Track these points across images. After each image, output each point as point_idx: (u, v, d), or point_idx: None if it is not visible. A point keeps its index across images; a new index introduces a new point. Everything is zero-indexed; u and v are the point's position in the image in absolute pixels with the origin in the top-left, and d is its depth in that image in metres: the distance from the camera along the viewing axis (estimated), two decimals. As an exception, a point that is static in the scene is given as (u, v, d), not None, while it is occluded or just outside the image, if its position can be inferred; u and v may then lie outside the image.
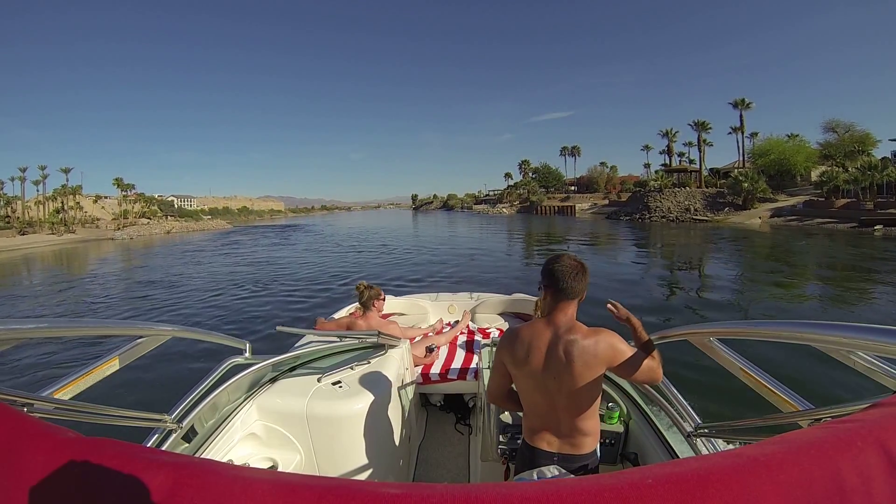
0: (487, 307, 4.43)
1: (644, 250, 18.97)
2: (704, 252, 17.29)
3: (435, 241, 24.75)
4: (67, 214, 52.92)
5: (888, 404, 0.55)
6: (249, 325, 7.80)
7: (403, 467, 2.32)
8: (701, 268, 13.47)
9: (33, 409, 0.84)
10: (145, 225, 52.51)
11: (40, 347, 6.12)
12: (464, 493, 0.42)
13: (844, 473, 0.44)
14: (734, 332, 1.28)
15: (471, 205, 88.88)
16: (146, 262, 20.16)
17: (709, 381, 3.80)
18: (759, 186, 32.82)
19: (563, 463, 1.34)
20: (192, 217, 74.28)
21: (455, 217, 62.51)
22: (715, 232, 25.01)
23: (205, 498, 0.43)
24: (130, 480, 0.45)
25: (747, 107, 45.95)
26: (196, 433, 1.55)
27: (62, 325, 1.00)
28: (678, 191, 39.57)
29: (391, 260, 16.60)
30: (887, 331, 0.74)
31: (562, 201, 59.39)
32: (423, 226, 42.99)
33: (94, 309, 10.10)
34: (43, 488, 0.44)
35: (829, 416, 0.87)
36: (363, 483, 0.45)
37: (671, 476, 0.43)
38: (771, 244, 19.49)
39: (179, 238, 39.83)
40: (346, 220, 76.29)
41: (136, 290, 11.99)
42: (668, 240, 22.50)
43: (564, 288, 1.31)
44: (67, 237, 41.91)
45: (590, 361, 1.28)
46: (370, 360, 2.23)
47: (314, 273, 13.60)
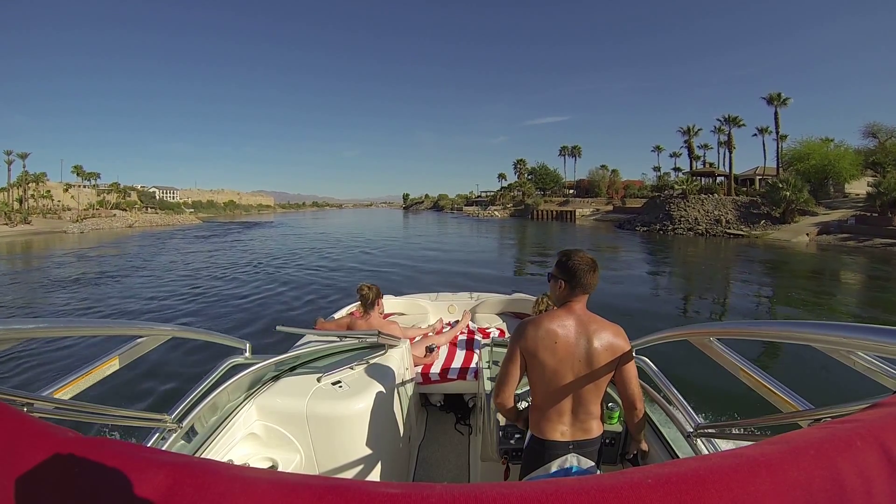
0: (487, 307, 4.43)
1: (693, 283, 13.08)
2: (756, 282, 12.46)
3: (394, 250, 20.70)
4: (31, 203, 50.92)
5: (888, 404, 0.55)
6: (249, 325, 7.83)
7: (403, 467, 2.32)
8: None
9: (33, 409, 0.84)
10: (105, 218, 51.12)
11: (40, 347, 6.12)
12: (464, 493, 0.42)
13: (844, 473, 0.44)
14: (734, 332, 1.28)
15: (461, 206, 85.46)
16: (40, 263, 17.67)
17: (709, 381, 3.79)
18: (801, 196, 27.62)
19: (578, 450, 1.43)
20: (172, 210, 73.00)
21: (442, 219, 57.57)
22: (754, 251, 20.19)
23: (205, 498, 0.43)
24: (130, 480, 0.45)
25: (783, 103, 37.56)
26: (196, 433, 1.55)
27: (62, 325, 1.00)
28: (705, 198, 33.46)
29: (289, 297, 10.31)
30: (887, 331, 0.74)
31: (560, 205, 54.68)
32: (393, 230, 36.50)
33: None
34: (43, 488, 0.44)
35: (829, 416, 0.87)
36: (363, 483, 0.45)
37: (671, 476, 0.43)
38: (839, 273, 14.26)
39: (140, 232, 38.58)
40: (330, 218, 72.98)
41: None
42: (705, 261, 17.34)
43: (582, 282, 1.43)
44: (20, 228, 40.44)
45: (612, 346, 1.40)
46: (370, 359, 2.22)
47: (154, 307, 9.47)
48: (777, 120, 38.09)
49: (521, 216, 56.30)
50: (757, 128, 40.29)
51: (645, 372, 1.81)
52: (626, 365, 1.42)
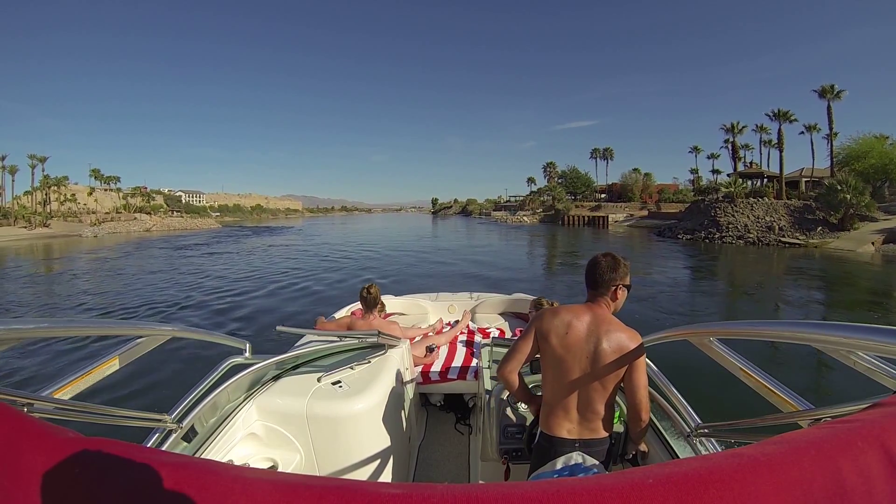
0: (487, 307, 4.44)
1: (764, 304, 10.34)
2: (835, 303, 10.27)
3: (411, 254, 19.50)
4: (54, 207, 51.34)
5: (888, 404, 0.55)
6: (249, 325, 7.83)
7: (403, 467, 2.32)
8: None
9: (33, 409, 0.84)
10: (123, 222, 51.20)
11: (40, 347, 6.12)
12: (464, 493, 0.42)
13: (845, 473, 0.44)
14: (734, 332, 1.28)
15: (489, 211, 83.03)
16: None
17: (709, 381, 3.79)
18: (863, 199, 24.14)
19: (584, 448, 1.45)
20: (198, 213, 73.55)
21: (470, 225, 53.96)
22: (815, 263, 17.47)
23: (205, 498, 0.43)
24: (130, 480, 0.45)
25: (837, 96, 33.11)
26: (196, 433, 1.55)
27: (62, 325, 1.00)
28: (755, 202, 29.73)
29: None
30: (887, 331, 0.74)
31: (592, 210, 51.01)
32: (414, 236, 34.28)
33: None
34: (43, 488, 0.44)
35: (829, 416, 0.87)
36: (363, 483, 0.45)
37: (671, 476, 0.43)
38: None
39: (156, 237, 38.10)
40: (354, 224, 70.19)
41: None
42: (766, 276, 14.58)
43: (597, 282, 1.49)
44: (38, 232, 40.60)
45: (621, 349, 1.41)
46: (370, 359, 2.22)
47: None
48: (830, 115, 33.73)
49: (551, 222, 52.96)
50: (805, 125, 36.34)
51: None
52: (636, 372, 1.42)
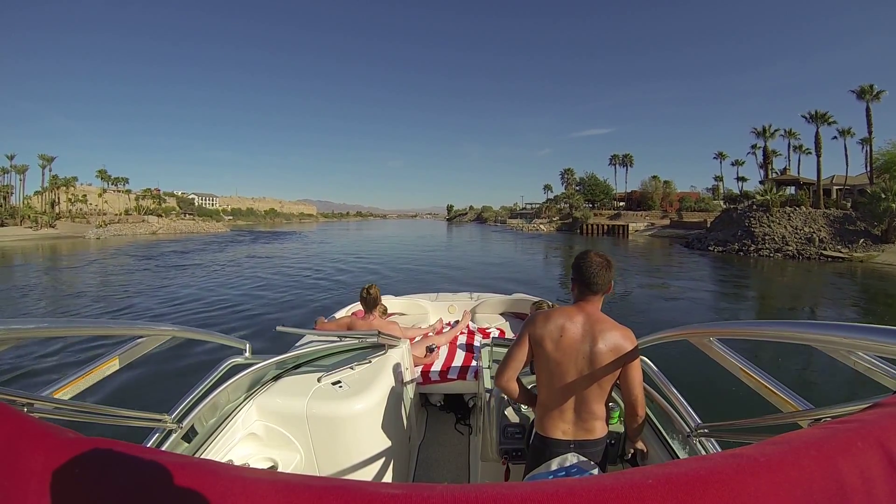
0: (487, 307, 4.43)
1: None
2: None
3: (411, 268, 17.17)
4: (63, 207, 51.53)
5: (888, 404, 0.55)
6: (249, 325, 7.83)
7: (403, 467, 2.32)
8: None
9: (33, 409, 0.84)
10: (129, 224, 51.07)
11: (40, 347, 6.12)
12: (464, 493, 0.42)
13: (845, 473, 0.44)
14: (734, 332, 1.28)
15: (504, 218, 79.98)
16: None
17: (709, 381, 3.80)
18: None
19: (579, 449, 1.44)
20: (211, 217, 73.28)
21: (485, 234, 50.60)
22: (863, 280, 15.86)
23: (205, 498, 0.43)
24: (130, 480, 0.45)
25: (876, 97, 30.09)
26: (196, 433, 1.55)
27: (62, 325, 1.00)
28: (792, 211, 26.98)
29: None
30: (887, 331, 0.74)
31: (611, 219, 48.14)
32: (416, 248, 29.06)
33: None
34: (43, 488, 0.44)
35: (829, 416, 0.87)
36: (363, 483, 0.45)
37: (671, 476, 0.43)
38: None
39: (161, 239, 37.83)
40: (368, 229, 68.14)
41: None
42: (816, 296, 12.59)
43: (589, 282, 1.45)
44: (43, 232, 40.66)
45: (617, 348, 1.40)
46: (370, 359, 2.22)
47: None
48: (869, 117, 30.65)
49: (569, 230, 50.08)
50: (838, 129, 33.02)
51: (645, 372, 1.81)
52: (631, 369, 1.43)
